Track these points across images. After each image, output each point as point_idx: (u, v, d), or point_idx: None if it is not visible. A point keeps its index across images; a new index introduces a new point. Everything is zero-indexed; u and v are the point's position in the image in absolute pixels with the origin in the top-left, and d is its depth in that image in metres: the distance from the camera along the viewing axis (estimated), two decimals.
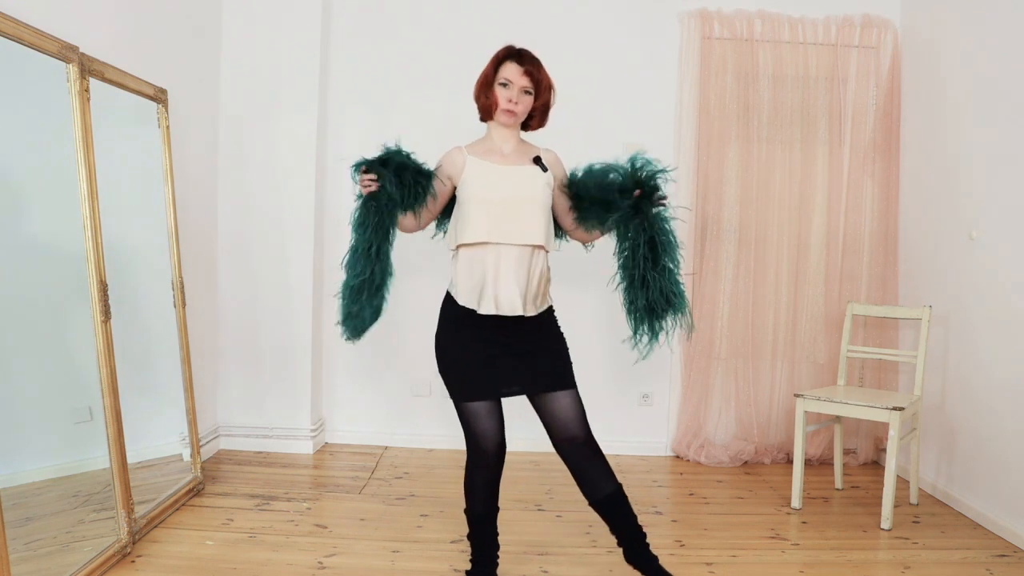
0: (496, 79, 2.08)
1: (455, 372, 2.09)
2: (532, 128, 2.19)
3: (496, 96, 2.07)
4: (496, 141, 2.14)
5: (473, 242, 2.02)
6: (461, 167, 2.08)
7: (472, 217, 2.02)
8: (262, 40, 3.47)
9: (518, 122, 2.12)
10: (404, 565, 2.39)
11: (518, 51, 2.09)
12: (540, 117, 2.16)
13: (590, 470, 2.07)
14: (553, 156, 2.19)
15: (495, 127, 2.14)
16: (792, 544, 2.65)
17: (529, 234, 2.02)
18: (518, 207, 2.03)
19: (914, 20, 3.54)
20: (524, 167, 2.09)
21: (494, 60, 2.11)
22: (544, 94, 2.11)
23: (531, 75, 2.06)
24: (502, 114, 2.07)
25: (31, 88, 2.19)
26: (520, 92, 2.06)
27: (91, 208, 2.28)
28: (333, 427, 3.79)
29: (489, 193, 2.03)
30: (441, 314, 2.14)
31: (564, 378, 2.07)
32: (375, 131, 3.67)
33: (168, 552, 2.41)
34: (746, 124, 3.60)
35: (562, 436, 2.05)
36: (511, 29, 3.62)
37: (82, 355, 2.30)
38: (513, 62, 2.07)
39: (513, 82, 2.06)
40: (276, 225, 3.53)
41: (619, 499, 2.08)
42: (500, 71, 2.08)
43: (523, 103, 2.08)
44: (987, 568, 2.49)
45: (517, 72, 2.06)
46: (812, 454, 3.62)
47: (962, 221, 3.10)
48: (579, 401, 2.08)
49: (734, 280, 3.61)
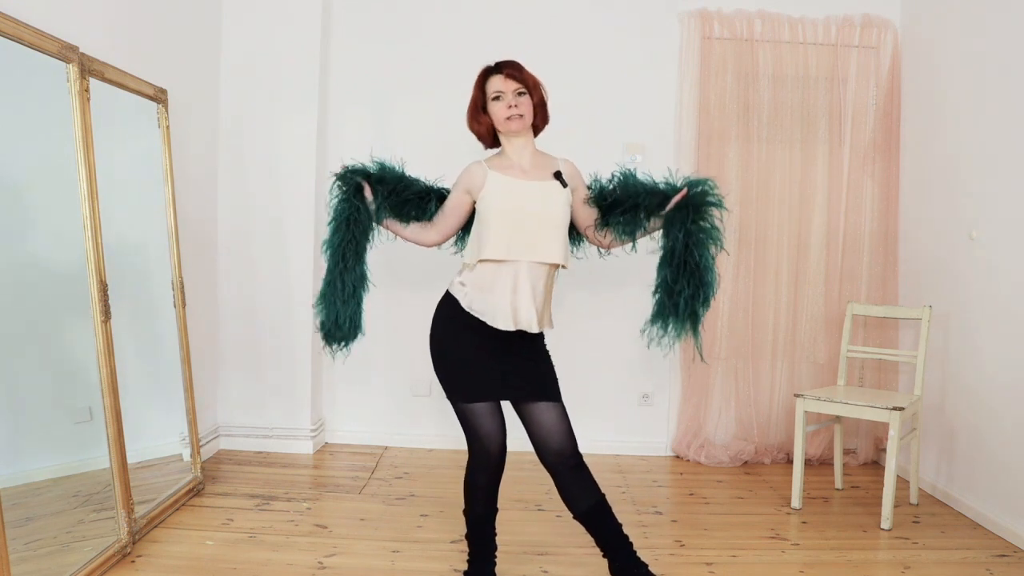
0: (487, 97, 2.09)
1: (458, 373, 2.08)
2: (538, 128, 2.17)
3: (494, 112, 2.07)
4: (513, 156, 2.12)
5: (494, 259, 2.02)
6: (482, 181, 2.07)
7: (493, 233, 2.02)
8: (262, 40, 3.47)
9: (527, 126, 2.10)
10: (404, 565, 2.39)
11: (495, 64, 2.11)
12: (541, 115, 2.15)
13: (574, 483, 2.05)
14: (572, 167, 2.18)
15: (508, 142, 2.12)
16: (792, 544, 2.65)
17: (549, 252, 2.03)
18: (539, 224, 2.03)
19: (914, 20, 3.54)
20: (545, 183, 2.08)
21: (477, 84, 2.12)
22: (535, 92, 2.10)
23: (515, 77, 2.06)
24: (509, 123, 2.06)
25: (31, 88, 2.19)
26: (515, 95, 2.06)
27: (91, 208, 2.28)
28: (333, 427, 3.79)
29: (511, 209, 2.03)
30: (440, 316, 2.13)
31: (551, 390, 2.09)
32: (375, 131, 3.68)
33: (168, 552, 2.41)
34: (746, 124, 3.60)
35: (547, 448, 2.05)
36: (511, 29, 3.63)
37: (82, 355, 2.30)
38: (493, 74, 2.09)
39: (503, 91, 2.06)
40: (276, 225, 3.53)
41: (603, 510, 2.07)
42: (487, 88, 2.09)
43: (523, 105, 2.07)
44: (987, 568, 2.49)
45: (501, 80, 2.06)
46: (812, 454, 3.62)
47: (962, 221, 3.10)
48: (565, 414, 2.08)
49: (734, 280, 3.61)
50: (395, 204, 2.17)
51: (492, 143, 2.18)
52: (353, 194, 2.14)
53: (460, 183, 2.13)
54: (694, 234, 2.04)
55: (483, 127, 2.13)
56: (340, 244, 2.13)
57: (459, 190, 2.13)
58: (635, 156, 3.66)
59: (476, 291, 2.05)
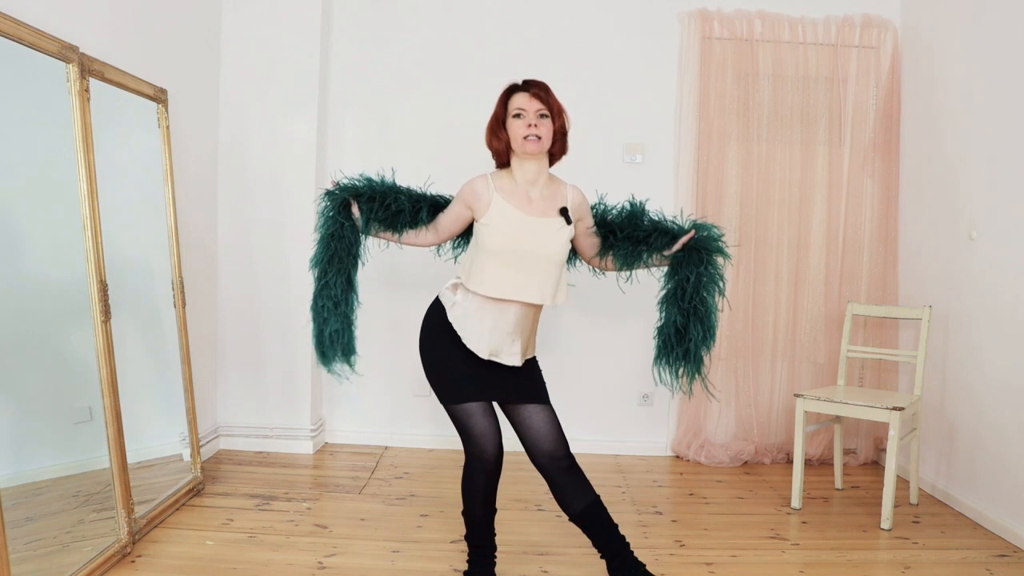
0: (508, 113, 2.04)
1: (447, 375, 2.09)
2: (555, 156, 2.12)
3: (512, 130, 2.02)
4: (520, 181, 2.07)
5: (484, 295, 2.02)
6: (486, 205, 2.04)
7: (488, 273, 2.01)
8: (262, 40, 3.47)
9: (544, 150, 2.04)
10: (404, 565, 2.39)
11: (522, 81, 2.06)
12: (560, 143, 2.09)
13: (568, 484, 2.06)
14: (580, 196, 2.15)
15: (520, 164, 2.06)
16: (792, 544, 2.65)
17: (542, 294, 2.04)
18: (535, 264, 2.02)
19: (914, 20, 3.54)
20: (550, 220, 2.04)
21: (500, 98, 2.07)
22: (558, 118, 2.05)
23: (540, 98, 2.01)
24: (526, 143, 2.00)
25: (31, 88, 2.19)
26: (536, 116, 2.01)
27: (91, 208, 2.28)
28: (333, 427, 3.79)
29: (509, 250, 2.00)
30: (430, 321, 2.15)
31: (540, 393, 2.10)
32: (375, 131, 3.68)
33: (168, 552, 2.41)
34: (746, 124, 3.60)
35: (539, 450, 2.05)
36: (512, 29, 3.63)
37: (82, 355, 2.30)
38: (519, 92, 2.04)
39: (526, 109, 2.01)
40: (276, 225, 3.53)
41: (598, 510, 2.07)
42: (510, 105, 2.04)
43: (544, 127, 2.01)
44: (987, 568, 2.49)
45: (526, 99, 2.01)
46: (812, 454, 3.62)
47: (962, 221, 3.10)
48: (555, 417, 2.09)
49: (734, 280, 3.61)
50: (385, 217, 2.17)
51: (507, 163, 2.11)
52: (338, 211, 2.16)
53: (463, 197, 2.10)
54: (703, 277, 2.09)
55: (502, 144, 2.06)
56: (322, 260, 2.18)
57: (461, 204, 2.11)
58: (635, 156, 3.66)
59: (463, 314, 2.06)
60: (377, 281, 3.71)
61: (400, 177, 2.22)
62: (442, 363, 2.10)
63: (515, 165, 2.08)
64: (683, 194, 3.62)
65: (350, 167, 3.66)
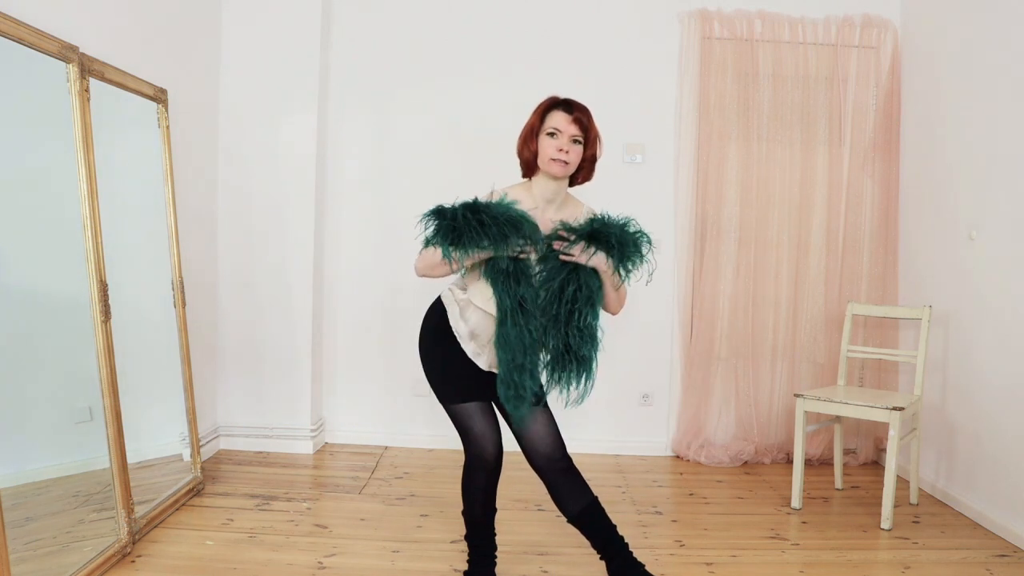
0: (543, 129, 1.98)
1: (446, 375, 2.09)
2: (578, 182, 2.08)
3: (543, 146, 1.97)
4: (539, 199, 2.02)
5: (491, 313, 1.99)
6: None
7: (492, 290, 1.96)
8: (262, 40, 3.47)
9: (568, 174, 2.00)
10: (404, 565, 2.39)
11: (566, 100, 2.01)
12: (587, 170, 2.05)
13: (565, 486, 2.05)
14: None
15: (540, 180, 2.02)
16: (792, 544, 2.65)
17: None
18: None
19: (914, 20, 3.54)
20: None
21: (539, 110, 2.01)
22: (592, 145, 2.02)
23: (580, 123, 1.96)
24: (552, 164, 1.96)
25: (31, 88, 2.19)
26: (569, 141, 1.96)
27: (91, 208, 2.28)
28: (333, 427, 3.79)
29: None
30: (429, 321, 2.14)
31: (538, 396, 2.07)
32: (375, 131, 3.68)
33: (168, 552, 2.41)
34: (746, 124, 3.60)
35: (537, 452, 2.05)
36: (512, 30, 3.63)
37: (82, 355, 2.30)
38: (561, 111, 1.98)
39: (562, 131, 1.96)
40: (276, 225, 3.53)
41: (596, 511, 2.07)
42: (547, 120, 1.99)
43: (574, 152, 1.97)
44: (987, 568, 2.49)
45: (566, 120, 1.96)
46: (812, 454, 3.62)
47: (962, 221, 3.10)
48: (553, 419, 2.08)
49: (734, 280, 3.61)
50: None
51: (532, 174, 2.06)
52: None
53: None
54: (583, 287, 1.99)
55: (531, 155, 2.00)
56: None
57: None
58: (635, 156, 3.66)
59: (462, 320, 2.04)
60: (377, 281, 3.71)
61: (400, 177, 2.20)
62: (441, 363, 2.09)
63: (537, 179, 2.04)
64: (683, 194, 3.62)
65: (350, 167, 3.69)
